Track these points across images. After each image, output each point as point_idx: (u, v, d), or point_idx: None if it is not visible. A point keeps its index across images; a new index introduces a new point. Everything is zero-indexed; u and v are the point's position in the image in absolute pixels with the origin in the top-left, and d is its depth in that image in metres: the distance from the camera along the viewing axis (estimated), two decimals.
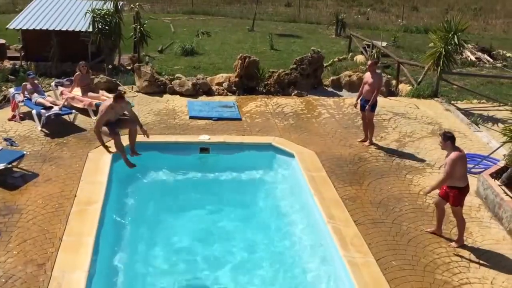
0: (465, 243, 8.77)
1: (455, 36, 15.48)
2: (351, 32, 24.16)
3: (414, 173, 11.18)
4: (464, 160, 8.41)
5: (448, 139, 8.36)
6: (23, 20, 17.97)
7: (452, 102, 16.07)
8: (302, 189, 10.56)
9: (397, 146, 12.49)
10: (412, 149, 12.35)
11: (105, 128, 9.80)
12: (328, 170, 11.14)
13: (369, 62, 12.62)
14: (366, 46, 21.34)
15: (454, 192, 8.42)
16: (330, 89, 17.03)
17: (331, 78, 17.50)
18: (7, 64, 17.80)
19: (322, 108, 14.96)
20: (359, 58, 20.85)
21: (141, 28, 18.18)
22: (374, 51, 19.90)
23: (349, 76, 17.31)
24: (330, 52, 22.15)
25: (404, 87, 16.98)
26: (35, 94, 13.01)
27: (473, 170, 11.14)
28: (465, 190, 8.50)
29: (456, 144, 8.48)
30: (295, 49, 22.82)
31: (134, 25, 18.46)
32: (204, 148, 12.01)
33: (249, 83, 16.24)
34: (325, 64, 18.43)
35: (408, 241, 8.84)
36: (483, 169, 10.93)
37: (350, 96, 16.31)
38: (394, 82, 17.31)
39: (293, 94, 15.98)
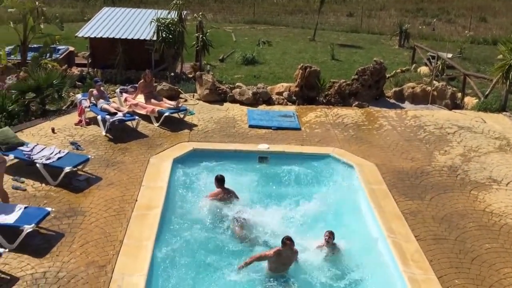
0: None
1: None
2: (415, 43, 23.64)
3: (480, 189, 10.78)
4: None
5: None
6: (91, 29, 18.59)
7: None
8: (362, 202, 10.38)
9: (461, 160, 12.09)
10: (477, 164, 11.91)
11: None
12: (389, 183, 10.90)
13: None
14: (430, 58, 20.79)
15: None
16: (392, 100, 16.72)
17: (394, 89, 17.20)
18: (75, 70, 18.44)
19: (384, 120, 14.69)
20: (423, 69, 20.36)
21: (204, 37, 18.46)
22: (439, 62, 19.40)
23: (412, 88, 16.96)
24: (392, 63, 21.77)
25: (470, 100, 16.47)
26: (101, 100, 13.40)
27: None
28: None
29: None
30: (357, 60, 22.58)
31: (196, 34, 18.77)
32: (263, 157, 12.01)
33: (309, 93, 16.17)
34: (387, 75, 18.12)
35: (472, 259, 8.51)
36: None
37: (413, 108, 15.99)
38: (459, 95, 16.81)
39: (354, 105, 15.80)
